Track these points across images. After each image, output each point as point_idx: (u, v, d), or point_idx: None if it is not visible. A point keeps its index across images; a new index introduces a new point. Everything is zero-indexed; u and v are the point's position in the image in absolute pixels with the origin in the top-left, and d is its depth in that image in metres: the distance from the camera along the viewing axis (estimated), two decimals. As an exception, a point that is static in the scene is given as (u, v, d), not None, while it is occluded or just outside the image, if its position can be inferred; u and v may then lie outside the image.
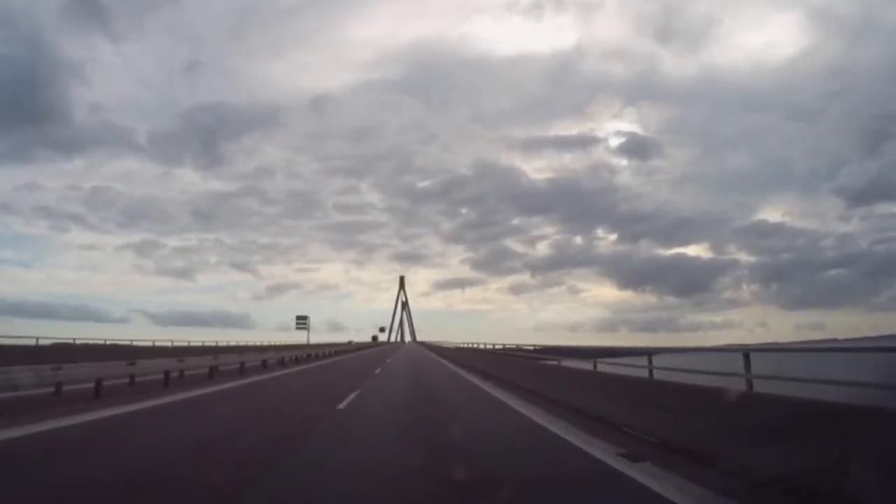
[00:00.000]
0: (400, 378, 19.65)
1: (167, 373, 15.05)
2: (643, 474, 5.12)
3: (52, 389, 11.40)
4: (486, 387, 15.05)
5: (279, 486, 4.84)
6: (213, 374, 18.21)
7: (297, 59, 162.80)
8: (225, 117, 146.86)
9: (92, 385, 12.18)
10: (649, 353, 10.13)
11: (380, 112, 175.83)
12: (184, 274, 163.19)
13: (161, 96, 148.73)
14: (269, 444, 6.96)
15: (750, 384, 7.52)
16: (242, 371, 21.02)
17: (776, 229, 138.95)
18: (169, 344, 34.44)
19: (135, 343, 31.82)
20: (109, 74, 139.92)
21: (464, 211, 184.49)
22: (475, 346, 30.59)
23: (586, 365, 12.48)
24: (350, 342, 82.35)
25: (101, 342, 29.83)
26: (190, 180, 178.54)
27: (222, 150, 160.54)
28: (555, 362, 15.61)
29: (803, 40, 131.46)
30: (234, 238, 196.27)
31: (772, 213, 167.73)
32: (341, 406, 10.59)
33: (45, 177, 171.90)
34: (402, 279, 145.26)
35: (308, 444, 6.91)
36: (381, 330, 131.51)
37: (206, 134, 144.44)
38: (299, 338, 58.77)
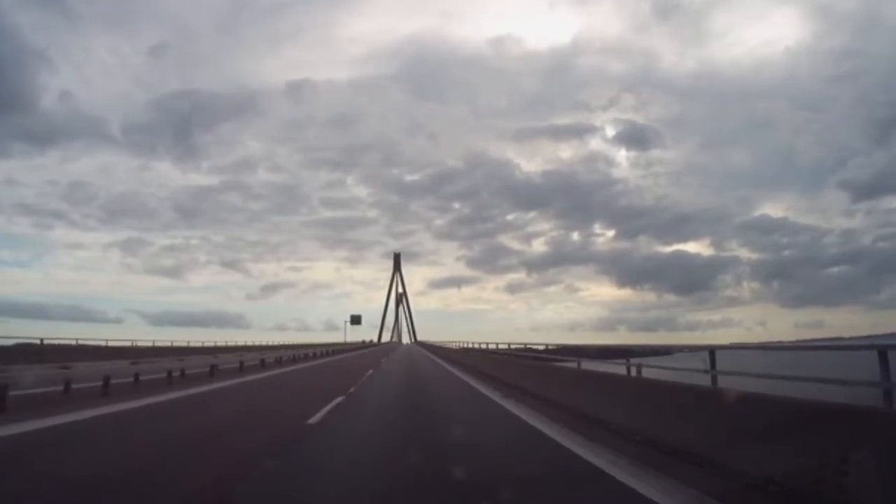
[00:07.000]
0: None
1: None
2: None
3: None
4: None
5: None
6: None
7: (283, 48, 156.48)
8: (202, 107, 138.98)
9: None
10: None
11: (365, 102, 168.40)
12: (175, 273, 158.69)
13: (135, 84, 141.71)
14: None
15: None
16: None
17: (779, 225, 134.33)
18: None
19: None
20: (78, 61, 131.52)
21: (456, 206, 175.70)
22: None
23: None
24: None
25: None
26: (169, 174, 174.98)
27: (200, 141, 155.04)
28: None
29: (810, 24, 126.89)
30: (220, 235, 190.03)
31: (774, 209, 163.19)
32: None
33: (22, 171, 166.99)
34: (397, 257, 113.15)
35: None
36: (355, 321, 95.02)
37: (183, 124, 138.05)
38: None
